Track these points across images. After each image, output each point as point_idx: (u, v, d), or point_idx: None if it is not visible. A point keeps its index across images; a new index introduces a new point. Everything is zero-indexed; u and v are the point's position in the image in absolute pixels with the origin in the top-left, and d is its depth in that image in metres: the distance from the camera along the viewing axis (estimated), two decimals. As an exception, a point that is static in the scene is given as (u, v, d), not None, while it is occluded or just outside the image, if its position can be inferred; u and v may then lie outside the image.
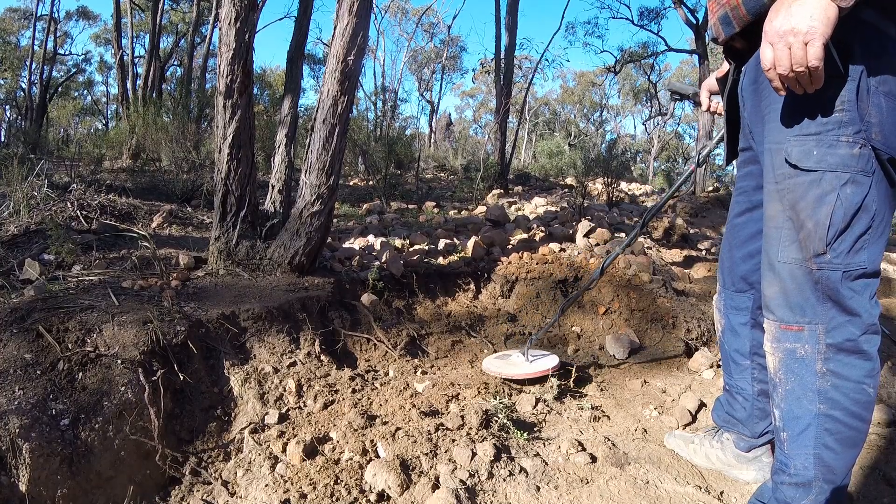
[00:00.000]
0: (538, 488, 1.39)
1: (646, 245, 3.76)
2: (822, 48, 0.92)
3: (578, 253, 3.13)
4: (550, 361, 2.11)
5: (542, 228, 3.91)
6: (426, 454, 1.47)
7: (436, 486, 1.35)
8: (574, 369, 2.05)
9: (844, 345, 1.07)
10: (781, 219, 1.11)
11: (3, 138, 12.86)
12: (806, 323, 1.09)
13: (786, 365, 1.13)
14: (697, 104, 1.63)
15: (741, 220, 1.40)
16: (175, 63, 19.29)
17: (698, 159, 1.65)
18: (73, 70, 23.86)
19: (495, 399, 1.78)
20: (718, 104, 1.53)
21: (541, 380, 2.05)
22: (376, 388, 1.89)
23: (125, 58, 12.70)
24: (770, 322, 1.15)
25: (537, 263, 2.93)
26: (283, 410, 1.72)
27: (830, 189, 1.03)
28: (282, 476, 1.43)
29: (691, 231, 4.92)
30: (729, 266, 1.46)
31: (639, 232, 1.81)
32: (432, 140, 22.69)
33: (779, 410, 1.16)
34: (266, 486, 1.40)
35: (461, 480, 1.37)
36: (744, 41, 1.21)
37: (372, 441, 1.53)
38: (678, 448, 1.62)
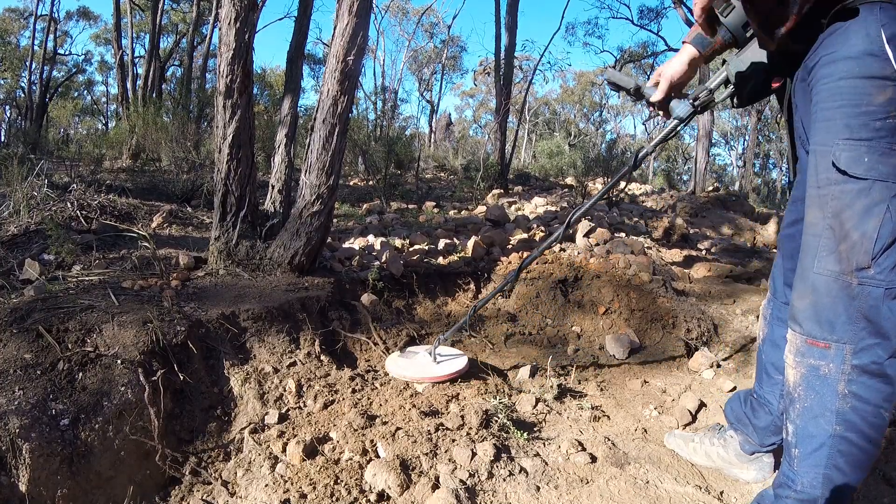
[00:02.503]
0: (538, 488, 1.39)
1: (646, 245, 3.76)
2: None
3: (578, 253, 3.13)
4: (458, 363, 1.96)
5: (542, 228, 3.90)
6: (426, 454, 1.47)
7: (436, 486, 1.35)
8: (574, 369, 2.05)
9: (869, 367, 1.03)
10: (821, 227, 1.05)
11: (3, 138, 12.86)
12: (834, 341, 1.04)
13: (807, 381, 1.09)
14: (637, 98, 1.53)
15: (791, 230, 1.33)
16: (175, 63, 19.30)
17: (634, 161, 1.56)
18: (74, 70, 23.87)
19: (495, 399, 1.78)
20: (660, 104, 1.44)
21: (450, 381, 1.93)
22: (376, 388, 1.89)
23: (125, 58, 12.70)
24: (796, 334, 1.11)
25: (537, 263, 2.93)
26: (283, 410, 1.72)
27: (880, 199, 0.98)
28: (282, 476, 1.43)
29: (691, 231, 4.92)
30: (779, 276, 1.40)
31: (563, 232, 1.68)
32: (432, 140, 22.69)
33: (793, 426, 1.13)
34: (266, 486, 1.40)
35: (461, 480, 1.37)
36: (795, 43, 1.14)
37: (372, 441, 1.53)
38: (678, 448, 1.62)
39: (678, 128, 1.44)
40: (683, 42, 1.40)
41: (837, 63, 1.04)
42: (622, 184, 8.42)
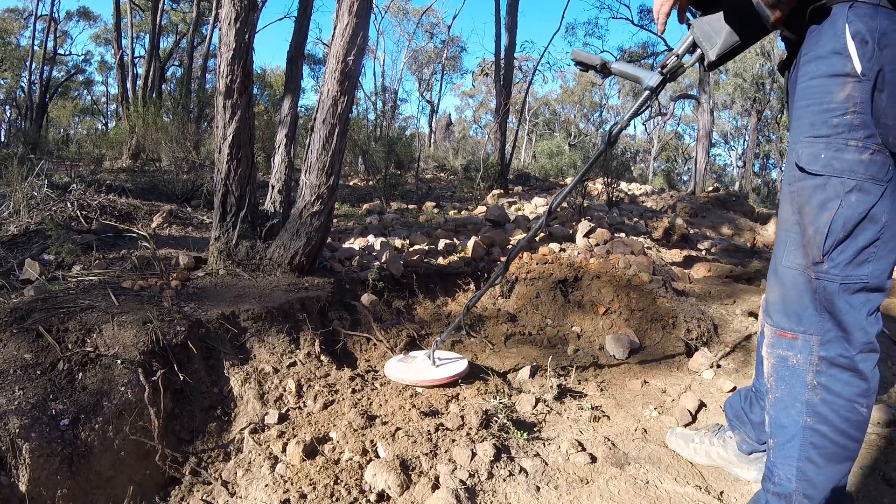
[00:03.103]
0: (538, 488, 1.39)
1: (646, 245, 3.76)
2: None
3: (578, 253, 3.13)
4: (458, 366, 1.94)
5: (542, 228, 3.90)
6: (426, 454, 1.47)
7: (436, 486, 1.35)
8: (574, 369, 2.05)
9: (837, 360, 1.03)
10: (790, 222, 1.08)
11: (3, 138, 12.86)
12: (800, 332, 1.06)
13: (777, 372, 1.11)
14: (605, 75, 1.52)
15: None
16: (175, 63, 19.30)
17: (609, 138, 1.53)
18: (73, 70, 23.86)
19: (495, 399, 1.78)
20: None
21: (450, 385, 1.91)
22: (376, 388, 1.89)
23: (125, 58, 12.70)
24: (768, 326, 1.14)
25: (537, 263, 2.93)
26: (283, 410, 1.72)
27: (834, 195, 0.99)
28: (282, 476, 1.43)
29: (691, 231, 4.92)
30: None
31: (545, 221, 1.64)
32: (432, 140, 22.69)
33: (769, 416, 1.15)
34: (266, 486, 1.40)
35: (461, 480, 1.37)
36: (790, 33, 1.15)
37: (372, 441, 1.53)
38: (679, 448, 1.62)
39: (650, 100, 1.42)
40: None
41: (810, 63, 1.06)
42: (622, 184, 8.40)
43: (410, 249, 3.37)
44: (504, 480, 1.40)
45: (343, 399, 1.79)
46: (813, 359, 1.05)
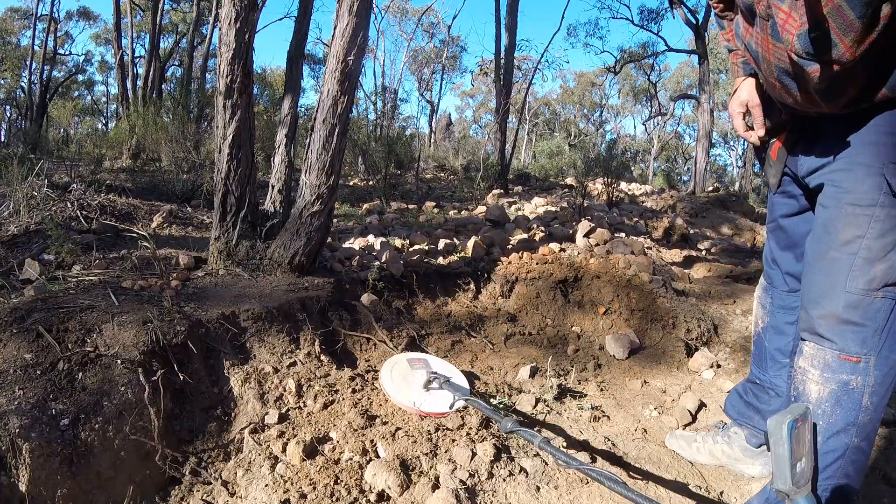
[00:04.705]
0: (538, 488, 1.39)
1: (646, 245, 3.76)
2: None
3: (578, 253, 3.13)
4: (444, 403, 1.69)
5: (542, 228, 3.91)
6: (426, 454, 1.47)
7: (436, 486, 1.35)
8: (574, 369, 2.05)
9: (891, 374, 1.06)
10: (858, 245, 1.06)
11: (3, 138, 12.86)
12: (864, 354, 1.06)
13: (836, 397, 1.09)
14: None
15: (790, 221, 1.36)
16: (175, 63, 19.30)
17: None
18: (74, 70, 23.87)
19: (495, 399, 1.78)
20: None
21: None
22: (376, 387, 1.89)
23: (125, 58, 12.69)
24: (824, 350, 1.10)
25: (537, 263, 2.93)
26: (283, 410, 1.71)
27: None
28: (282, 476, 1.43)
29: (691, 231, 4.92)
30: (778, 265, 1.42)
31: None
32: (432, 140, 22.68)
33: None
34: (266, 486, 1.40)
35: (461, 480, 1.37)
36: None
37: (372, 441, 1.53)
38: (680, 448, 1.62)
39: None
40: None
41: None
42: (622, 184, 8.37)
43: (410, 249, 3.37)
44: (504, 480, 1.40)
45: (343, 399, 1.79)
46: (869, 380, 1.06)
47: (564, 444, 1.60)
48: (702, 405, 1.93)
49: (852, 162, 1.08)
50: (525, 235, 3.71)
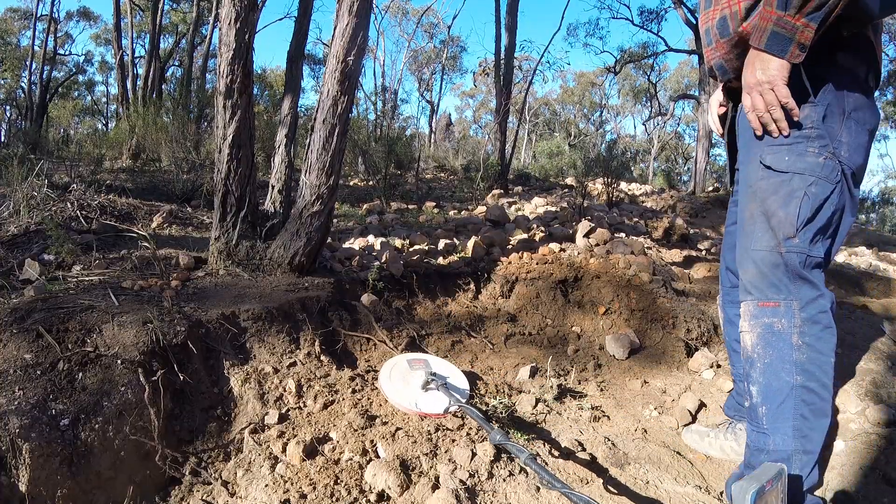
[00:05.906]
0: (538, 488, 1.39)
1: (646, 245, 3.76)
2: (785, 88, 1.16)
3: (578, 253, 3.13)
4: (440, 404, 1.71)
5: (542, 228, 3.91)
6: (426, 454, 1.47)
7: (436, 487, 1.35)
8: (574, 369, 2.05)
9: (818, 318, 1.22)
10: (757, 214, 1.27)
11: (3, 138, 12.86)
12: (782, 299, 1.23)
13: (763, 339, 1.25)
14: None
15: (732, 227, 1.57)
16: (175, 63, 19.30)
17: None
18: (74, 70, 23.87)
19: (495, 399, 1.78)
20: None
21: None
22: (376, 388, 1.89)
23: (125, 58, 12.70)
24: (748, 303, 1.29)
25: (537, 263, 2.93)
26: (283, 410, 1.71)
27: (799, 188, 1.22)
28: (282, 476, 1.43)
29: (691, 231, 4.92)
30: (724, 266, 1.65)
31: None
32: (432, 140, 22.68)
33: (756, 386, 1.26)
34: (266, 486, 1.40)
35: (461, 480, 1.37)
36: (738, 82, 1.36)
37: (372, 441, 1.53)
38: (694, 442, 1.68)
39: None
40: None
41: None
42: (622, 184, 8.37)
43: (410, 249, 3.37)
44: (504, 480, 1.40)
45: (343, 399, 1.79)
46: (796, 321, 1.22)
47: (562, 446, 1.60)
48: (702, 405, 1.93)
49: (748, 159, 1.33)
50: (525, 235, 3.71)
